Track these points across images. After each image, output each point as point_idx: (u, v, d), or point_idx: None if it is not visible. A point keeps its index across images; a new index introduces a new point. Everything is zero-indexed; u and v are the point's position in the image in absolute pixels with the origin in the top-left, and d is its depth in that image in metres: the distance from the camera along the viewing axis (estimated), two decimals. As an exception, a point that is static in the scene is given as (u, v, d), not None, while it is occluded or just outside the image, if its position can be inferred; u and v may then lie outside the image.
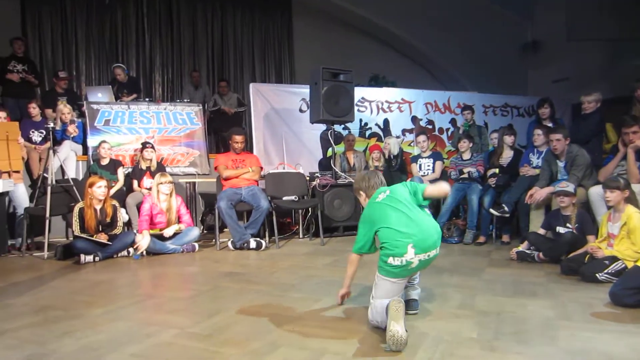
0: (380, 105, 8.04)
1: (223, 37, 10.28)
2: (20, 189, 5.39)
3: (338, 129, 7.21)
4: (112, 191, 5.38)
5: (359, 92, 7.47)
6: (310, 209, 6.01)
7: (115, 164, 6.02)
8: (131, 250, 4.83)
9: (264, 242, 5.20)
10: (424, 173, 6.16)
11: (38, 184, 5.42)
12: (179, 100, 7.79)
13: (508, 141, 5.71)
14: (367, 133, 7.94)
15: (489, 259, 4.51)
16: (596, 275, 3.34)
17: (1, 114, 5.52)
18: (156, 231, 5.03)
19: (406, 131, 8.11)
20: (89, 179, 5.01)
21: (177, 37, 9.83)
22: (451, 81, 11.40)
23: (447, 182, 5.94)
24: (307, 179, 6.28)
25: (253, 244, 5.13)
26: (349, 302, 2.89)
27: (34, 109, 6.34)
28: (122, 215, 5.11)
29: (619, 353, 2.08)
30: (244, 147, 5.86)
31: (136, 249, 4.81)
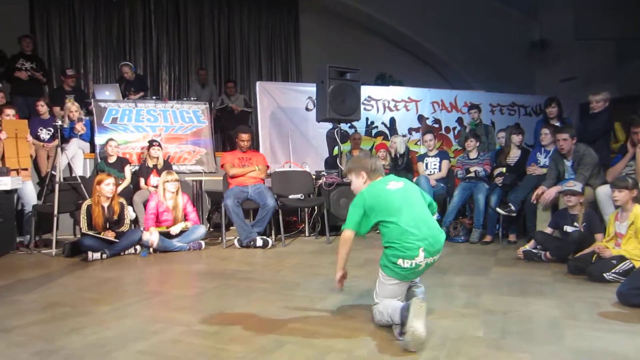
0: (387, 104, 8.03)
1: (230, 35, 10.31)
2: (28, 186, 5.43)
3: (344, 127, 7.22)
4: (120, 189, 5.42)
5: (365, 91, 7.48)
6: (316, 207, 6.01)
7: (123, 162, 6.05)
8: (138, 247, 4.86)
9: (270, 240, 5.20)
10: (431, 172, 6.15)
11: (46, 181, 5.45)
12: (185, 99, 7.83)
13: (516, 140, 5.69)
14: (374, 132, 7.95)
15: (495, 258, 4.50)
16: (603, 274, 3.32)
17: (10, 111, 5.55)
18: (163, 229, 5.05)
19: (412, 130, 8.10)
20: (96, 176, 5.04)
21: (184, 35, 9.87)
22: (458, 80, 11.36)
23: (454, 180, 6.04)
24: (313, 177, 6.28)
25: (259, 242, 5.14)
26: (353, 300, 2.89)
27: (42, 106, 6.37)
28: (129, 213, 5.14)
29: (626, 353, 2.07)
30: (250, 146, 5.87)
31: (144, 246, 4.84)
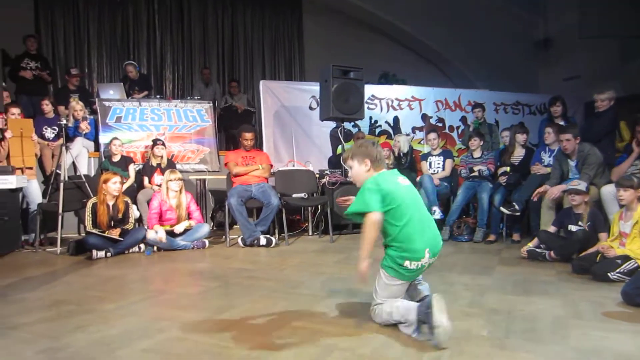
0: (390, 103, 8.02)
1: (233, 35, 10.31)
2: (33, 185, 5.46)
3: (348, 126, 7.21)
4: (124, 187, 5.42)
5: (369, 90, 7.47)
6: (319, 206, 6.02)
7: (127, 161, 6.07)
8: (142, 246, 4.88)
9: (273, 239, 5.21)
10: (434, 171, 6.14)
11: (51, 180, 5.47)
12: (189, 98, 7.83)
13: (520, 139, 5.68)
14: (377, 131, 7.94)
15: (499, 257, 4.49)
16: (608, 274, 3.31)
17: (15, 110, 5.58)
18: (166, 228, 5.06)
19: (416, 129, 8.10)
20: (103, 175, 5.06)
21: (187, 34, 9.88)
22: (462, 79, 11.33)
23: (458, 180, 6.03)
24: (317, 176, 6.29)
25: (263, 240, 5.15)
26: (357, 299, 2.89)
27: (47, 105, 6.41)
28: (134, 211, 5.15)
29: (631, 352, 2.06)
30: (253, 145, 5.87)
31: (148, 244, 4.85)
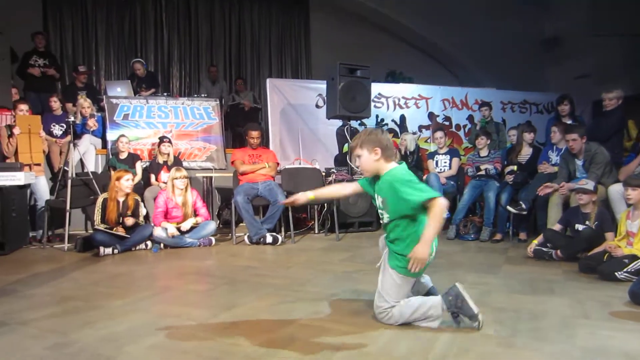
0: (397, 101, 8.01)
1: (240, 33, 10.34)
2: (41, 181, 5.49)
3: (354, 124, 7.20)
4: (131, 184, 5.46)
5: (375, 88, 7.47)
6: (325, 204, 6.02)
7: (134, 158, 6.10)
8: (149, 243, 4.90)
9: (279, 237, 5.22)
10: (441, 170, 6.13)
11: (59, 177, 5.51)
12: (196, 95, 7.85)
13: (527, 138, 5.65)
14: (384, 129, 7.92)
15: (505, 256, 4.48)
16: (615, 273, 3.28)
17: (23, 107, 5.61)
18: (173, 225, 5.08)
19: (423, 127, 8.08)
20: (115, 172, 5.09)
21: (194, 32, 9.93)
22: (469, 77, 11.30)
23: (464, 178, 6.01)
24: (323, 174, 6.30)
25: (269, 238, 5.16)
26: (364, 297, 2.88)
27: (55, 102, 6.45)
28: (142, 209, 5.17)
29: (638, 352, 2.05)
30: (260, 143, 5.88)
31: (154, 241, 4.88)
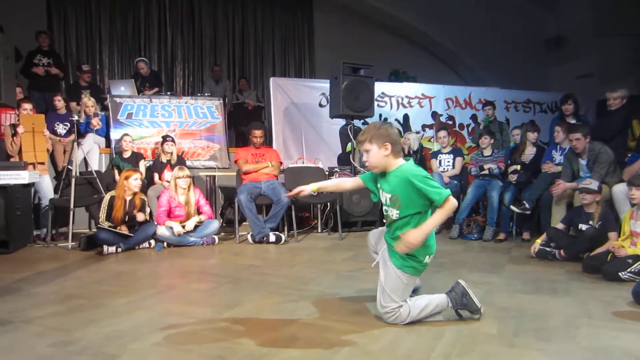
0: (400, 101, 8.00)
1: (244, 32, 10.35)
2: (45, 180, 5.50)
3: (358, 124, 7.19)
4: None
5: (379, 87, 7.46)
6: (329, 203, 6.02)
7: (137, 157, 6.10)
8: (153, 242, 4.91)
9: (283, 236, 5.22)
10: (444, 169, 6.12)
11: (62, 175, 5.53)
12: (199, 94, 7.87)
13: (531, 138, 5.63)
14: (392, 123, 7.90)
15: (508, 256, 4.47)
16: (619, 273, 3.28)
17: (27, 105, 5.62)
18: (177, 224, 5.09)
19: (426, 127, 8.07)
20: (124, 171, 5.10)
21: (198, 31, 9.94)
22: (472, 76, 11.28)
23: (467, 178, 6.00)
24: (326, 173, 6.29)
25: (272, 237, 5.16)
26: (367, 295, 2.88)
27: (59, 101, 6.47)
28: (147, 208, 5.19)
29: (642, 352, 2.05)
30: (263, 142, 5.88)
31: (158, 240, 4.88)
